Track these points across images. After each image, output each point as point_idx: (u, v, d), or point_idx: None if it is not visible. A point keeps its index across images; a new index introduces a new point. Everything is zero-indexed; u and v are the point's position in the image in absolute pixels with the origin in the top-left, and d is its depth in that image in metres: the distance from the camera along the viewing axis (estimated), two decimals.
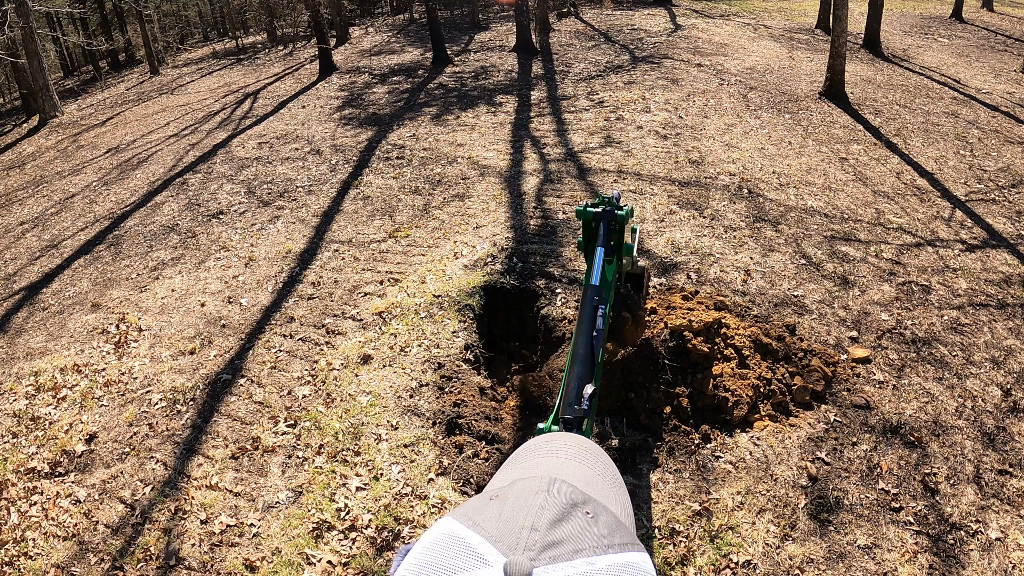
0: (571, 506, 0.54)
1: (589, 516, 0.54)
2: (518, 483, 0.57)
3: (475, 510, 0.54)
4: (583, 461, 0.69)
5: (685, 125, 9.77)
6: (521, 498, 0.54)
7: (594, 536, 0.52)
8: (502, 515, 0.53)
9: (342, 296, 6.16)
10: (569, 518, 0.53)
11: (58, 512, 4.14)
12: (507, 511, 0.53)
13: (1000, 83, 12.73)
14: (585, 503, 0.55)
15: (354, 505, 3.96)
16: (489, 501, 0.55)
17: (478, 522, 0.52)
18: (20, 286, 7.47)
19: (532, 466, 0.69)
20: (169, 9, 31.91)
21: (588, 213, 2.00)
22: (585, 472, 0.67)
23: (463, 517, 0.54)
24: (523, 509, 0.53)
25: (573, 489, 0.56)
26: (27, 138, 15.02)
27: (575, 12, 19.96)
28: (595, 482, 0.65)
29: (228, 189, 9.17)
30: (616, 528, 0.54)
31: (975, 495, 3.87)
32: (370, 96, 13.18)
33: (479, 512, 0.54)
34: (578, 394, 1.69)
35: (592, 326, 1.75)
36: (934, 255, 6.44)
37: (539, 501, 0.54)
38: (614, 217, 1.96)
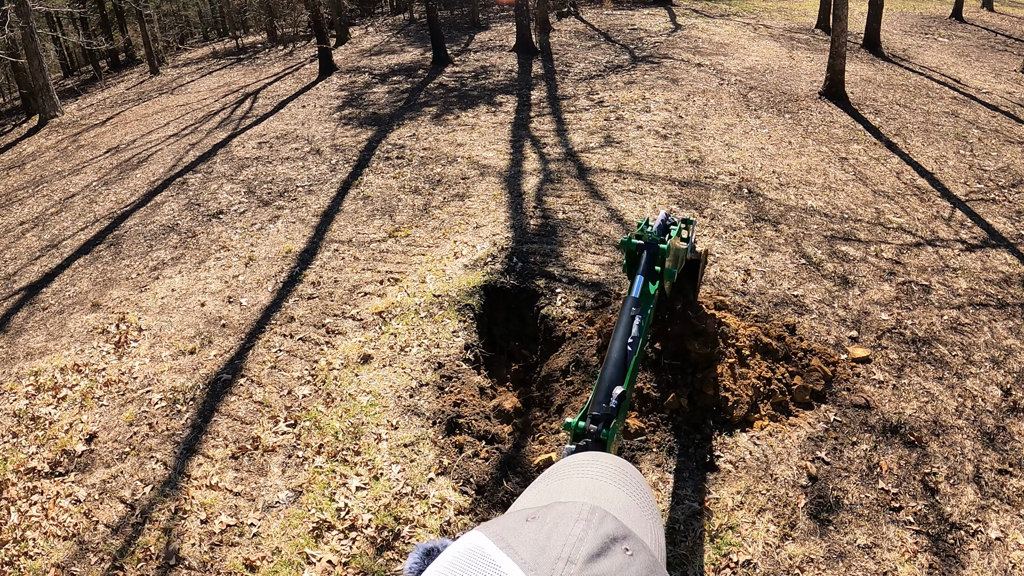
0: (611, 540, 0.51)
1: (628, 554, 0.51)
2: (557, 506, 0.55)
3: (509, 530, 0.52)
4: (623, 487, 0.66)
5: (685, 125, 9.77)
6: (559, 525, 0.52)
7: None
8: (538, 541, 0.50)
9: (342, 296, 6.16)
10: (608, 553, 0.50)
11: (58, 512, 4.14)
12: (543, 538, 0.51)
13: (1000, 83, 12.73)
14: (626, 539, 0.52)
15: (354, 505, 3.96)
16: (525, 523, 0.53)
17: (512, 544, 0.50)
18: (20, 286, 7.47)
19: (571, 487, 0.66)
20: (169, 9, 31.90)
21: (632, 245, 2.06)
22: (624, 500, 0.64)
23: (496, 536, 0.51)
24: (560, 538, 0.50)
25: (614, 522, 0.54)
26: (27, 138, 15.02)
27: (575, 12, 19.96)
28: (633, 511, 0.63)
29: (228, 189, 9.17)
30: (653, 570, 0.51)
31: (975, 495, 3.87)
32: (370, 96, 13.18)
33: (513, 533, 0.52)
34: (608, 394, 1.74)
35: (628, 333, 1.82)
36: (934, 255, 6.44)
37: (578, 531, 0.51)
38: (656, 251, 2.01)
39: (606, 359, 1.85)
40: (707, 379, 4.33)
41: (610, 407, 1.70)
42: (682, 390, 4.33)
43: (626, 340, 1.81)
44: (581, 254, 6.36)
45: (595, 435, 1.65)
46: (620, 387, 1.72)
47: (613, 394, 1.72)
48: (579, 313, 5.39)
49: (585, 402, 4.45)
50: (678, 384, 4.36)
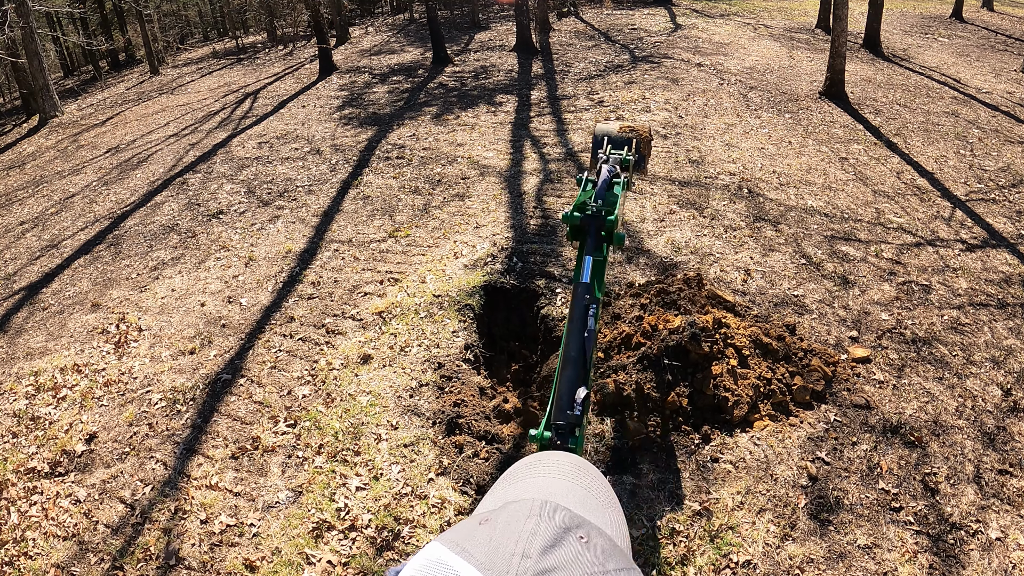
0: (564, 530, 0.52)
1: (583, 541, 0.51)
2: (509, 506, 0.55)
3: (464, 536, 0.52)
4: (576, 481, 0.67)
5: (685, 125, 9.76)
6: (512, 523, 0.52)
7: (588, 562, 0.50)
8: (492, 540, 0.51)
9: (342, 296, 6.16)
10: (562, 543, 0.50)
11: (58, 512, 4.14)
12: (497, 536, 0.51)
13: (1000, 83, 12.73)
14: (579, 527, 0.53)
15: (354, 505, 3.96)
16: (478, 526, 0.54)
17: (467, 548, 0.50)
18: (20, 286, 7.47)
19: (523, 487, 0.67)
20: (169, 9, 31.90)
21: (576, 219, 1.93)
22: (578, 493, 0.65)
23: (451, 543, 0.52)
24: (514, 534, 0.51)
25: (566, 512, 0.54)
26: (27, 138, 15.01)
27: (575, 12, 19.96)
28: (589, 503, 0.63)
29: (228, 189, 9.17)
30: (611, 552, 0.52)
31: (975, 495, 3.87)
32: (370, 96, 13.17)
33: (468, 538, 0.52)
34: (571, 399, 1.63)
35: (583, 326, 1.68)
36: (934, 255, 6.44)
37: (530, 526, 0.52)
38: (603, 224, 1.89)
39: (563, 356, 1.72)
40: (707, 379, 4.32)
41: (575, 414, 1.61)
42: (682, 390, 4.33)
43: (582, 334, 1.70)
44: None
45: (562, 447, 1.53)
46: (583, 389, 1.62)
47: (577, 398, 1.63)
48: None
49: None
50: (678, 384, 4.36)
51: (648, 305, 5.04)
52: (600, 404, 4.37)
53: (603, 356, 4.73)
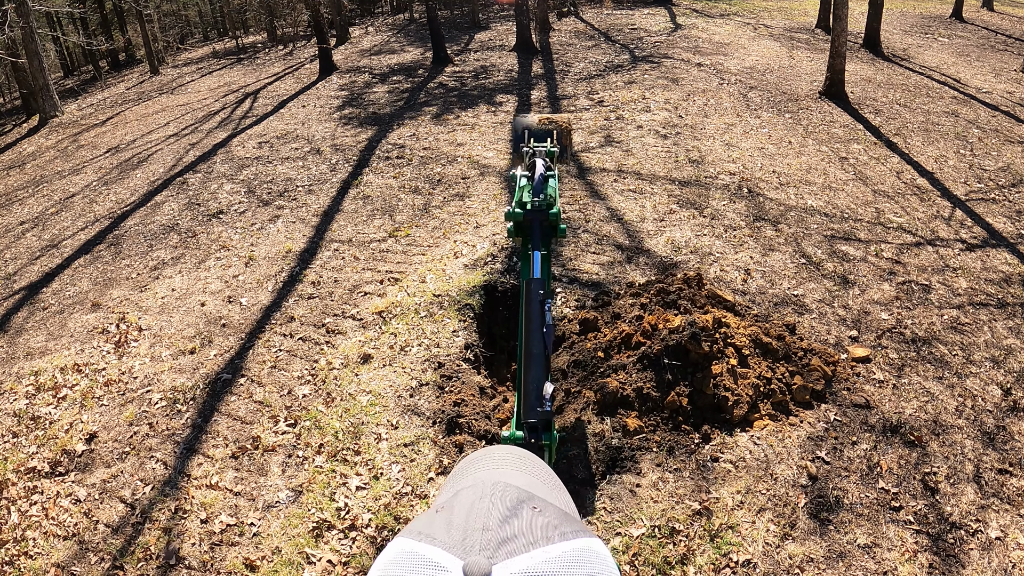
0: (518, 503, 0.55)
1: (537, 511, 0.54)
2: (461, 492, 0.58)
3: (423, 525, 0.55)
4: (520, 469, 0.70)
5: (685, 124, 9.77)
6: (467, 504, 0.55)
7: (545, 527, 0.52)
8: (452, 523, 0.53)
9: (342, 295, 6.16)
10: (518, 514, 0.53)
11: (58, 512, 4.14)
12: (456, 519, 0.53)
13: (1000, 83, 12.73)
14: (530, 499, 0.56)
15: (354, 504, 3.96)
16: (436, 514, 0.56)
17: (429, 534, 0.53)
18: (20, 286, 7.47)
19: (471, 480, 0.70)
20: (169, 9, 31.90)
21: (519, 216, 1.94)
22: (524, 478, 0.68)
23: (413, 533, 0.54)
24: (471, 513, 0.53)
25: (516, 489, 0.57)
26: (27, 138, 15.02)
27: (575, 12, 19.96)
28: (535, 486, 0.66)
29: (228, 189, 9.17)
30: (565, 518, 0.54)
31: (975, 494, 3.87)
32: (370, 96, 13.17)
33: (428, 525, 0.54)
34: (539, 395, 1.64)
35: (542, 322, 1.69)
36: (934, 254, 6.44)
37: (486, 504, 0.54)
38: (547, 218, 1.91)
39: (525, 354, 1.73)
40: (707, 379, 4.32)
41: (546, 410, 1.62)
42: (682, 389, 4.33)
43: (541, 330, 1.71)
44: (581, 254, 6.36)
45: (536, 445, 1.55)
46: (550, 384, 1.64)
47: (545, 394, 1.64)
48: (579, 313, 5.39)
49: (574, 403, 4.45)
50: (678, 383, 4.36)
51: (648, 305, 5.04)
52: (600, 404, 4.37)
53: (603, 356, 4.73)
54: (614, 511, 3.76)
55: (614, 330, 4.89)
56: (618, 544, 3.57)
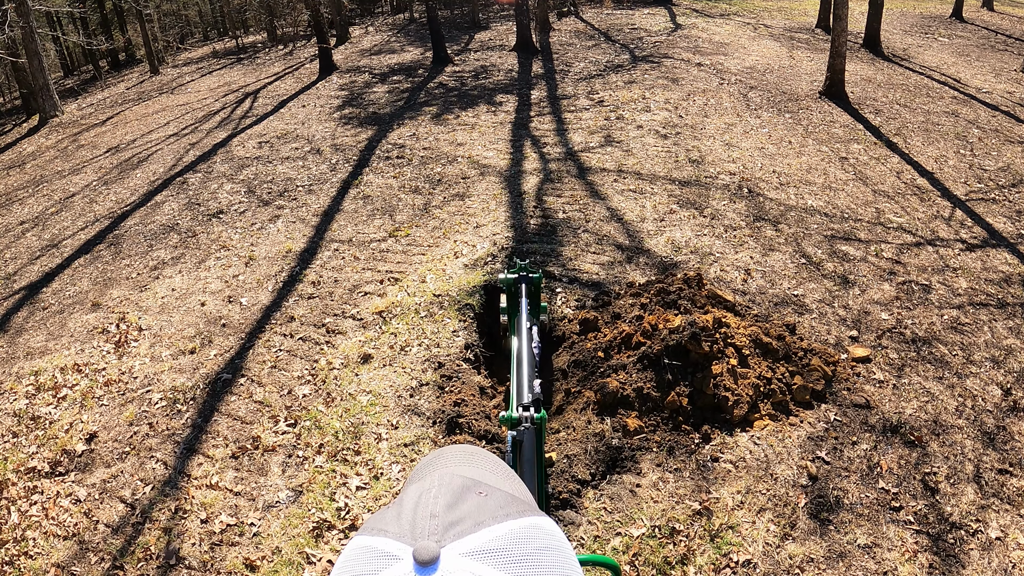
0: (463, 489, 0.57)
1: (483, 495, 0.56)
2: (410, 488, 0.60)
3: (375, 520, 0.57)
4: (471, 463, 0.72)
5: (685, 124, 9.77)
6: (415, 496, 0.57)
7: (491, 508, 0.54)
8: (401, 515, 0.55)
9: (342, 295, 6.16)
10: (463, 499, 0.55)
11: (58, 511, 4.14)
12: (405, 510, 0.55)
13: (1000, 83, 12.73)
14: (476, 485, 0.58)
15: (354, 504, 3.96)
16: (387, 510, 0.58)
17: (380, 527, 0.54)
18: (20, 286, 7.47)
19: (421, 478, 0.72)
20: (169, 8, 31.89)
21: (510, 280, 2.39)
22: (472, 470, 0.69)
23: (367, 529, 0.56)
24: (419, 504, 0.56)
25: (462, 478, 0.59)
26: (27, 138, 15.01)
27: (575, 11, 19.96)
28: (484, 476, 0.68)
29: (228, 188, 9.17)
30: (511, 501, 0.56)
31: (975, 494, 3.87)
32: (370, 95, 13.17)
33: (379, 520, 0.56)
34: (531, 386, 1.98)
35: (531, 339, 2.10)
36: (934, 254, 6.44)
37: (432, 494, 0.56)
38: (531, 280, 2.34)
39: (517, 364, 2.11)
40: (707, 378, 4.32)
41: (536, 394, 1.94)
42: (682, 389, 4.33)
43: (531, 345, 2.09)
44: (581, 254, 6.36)
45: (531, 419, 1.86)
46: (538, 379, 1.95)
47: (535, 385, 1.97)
48: (579, 313, 5.39)
49: (569, 403, 4.45)
50: (678, 383, 4.36)
51: (648, 305, 5.04)
52: (600, 404, 4.37)
53: (603, 356, 4.73)
54: (614, 511, 3.76)
55: (614, 330, 4.89)
56: (618, 544, 3.57)
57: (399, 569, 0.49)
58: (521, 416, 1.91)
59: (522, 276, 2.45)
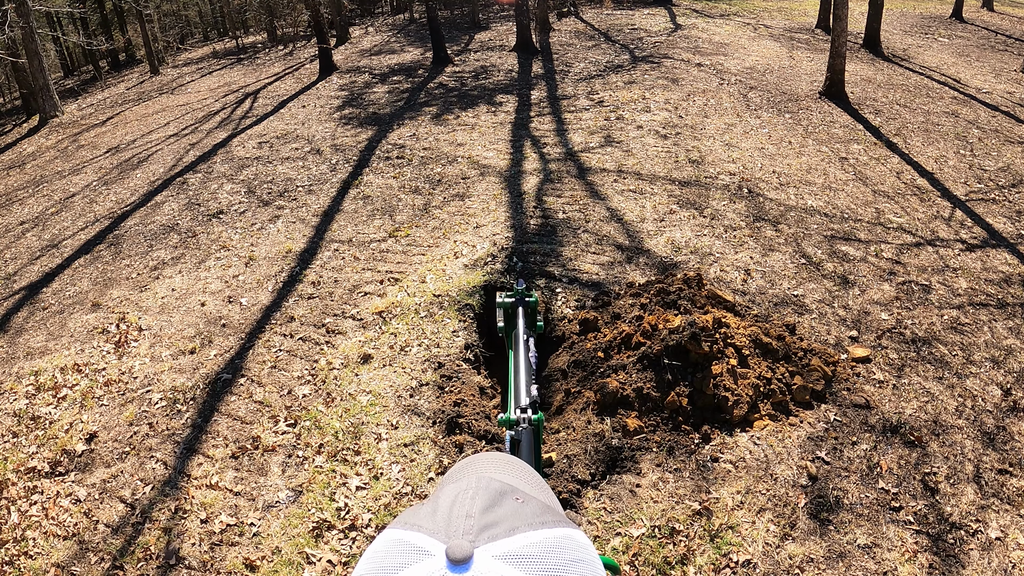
0: (501, 494, 0.57)
1: (519, 501, 0.56)
2: (446, 487, 0.61)
3: (410, 515, 0.57)
4: (505, 471, 0.72)
5: (685, 125, 9.77)
6: (452, 496, 0.57)
7: (527, 515, 0.54)
8: (436, 512, 0.55)
9: (342, 295, 6.16)
10: (500, 503, 0.55)
11: (58, 511, 4.14)
12: (441, 508, 0.56)
13: (1000, 83, 12.73)
14: (513, 491, 0.58)
15: (354, 504, 3.96)
16: (421, 505, 0.58)
17: (415, 523, 0.55)
18: (20, 286, 7.47)
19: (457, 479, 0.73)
20: (169, 9, 31.90)
21: (508, 304, 2.50)
22: (508, 476, 0.70)
23: (400, 523, 0.56)
24: (456, 503, 0.56)
25: (500, 482, 0.59)
26: (27, 138, 15.02)
27: (575, 12, 19.96)
28: (519, 483, 0.68)
29: (228, 189, 9.17)
30: (547, 509, 0.56)
31: (975, 494, 3.87)
32: (370, 96, 13.18)
33: (414, 515, 0.56)
34: (528, 390, 2.05)
35: (528, 350, 2.16)
36: (934, 255, 6.44)
37: (469, 495, 0.56)
38: (526, 304, 2.45)
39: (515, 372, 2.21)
40: (707, 379, 4.32)
41: (534, 397, 2.00)
42: (682, 390, 4.33)
43: (528, 356, 2.17)
44: (581, 254, 6.36)
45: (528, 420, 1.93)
46: (535, 385, 2.01)
47: (532, 390, 2.03)
48: (579, 313, 5.39)
49: (569, 405, 4.45)
50: (678, 384, 4.36)
51: (648, 305, 5.04)
52: (600, 404, 4.37)
53: (603, 356, 4.73)
54: (614, 511, 3.76)
55: (614, 330, 4.89)
56: (618, 544, 3.57)
57: (431, 565, 0.49)
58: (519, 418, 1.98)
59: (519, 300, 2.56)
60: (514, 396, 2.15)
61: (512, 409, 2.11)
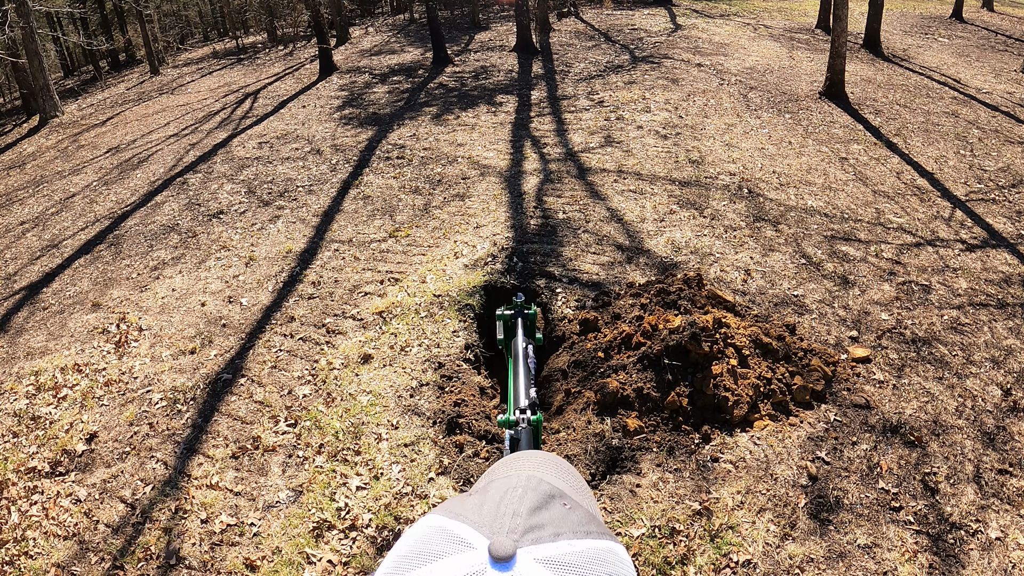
0: (549, 497, 0.56)
1: (567, 507, 0.56)
2: (495, 481, 0.60)
3: (456, 504, 0.56)
4: (555, 475, 0.72)
5: (685, 125, 9.77)
6: (500, 491, 0.57)
7: (573, 523, 0.54)
8: (483, 506, 0.55)
9: (342, 296, 6.16)
10: (548, 507, 0.55)
11: (58, 511, 4.14)
12: (488, 502, 0.55)
13: (1000, 83, 12.73)
14: (561, 496, 0.57)
15: (354, 504, 3.96)
16: (468, 497, 0.58)
17: (460, 513, 0.54)
18: (20, 286, 7.47)
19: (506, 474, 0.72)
20: (169, 9, 31.90)
21: (507, 316, 2.55)
22: (557, 480, 0.70)
23: (445, 511, 0.55)
24: (503, 500, 0.55)
25: (549, 484, 0.59)
26: (27, 138, 15.02)
27: (575, 12, 19.97)
28: (567, 488, 0.68)
29: (228, 189, 9.17)
30: (592, 519, 0.56)
31: (975, 494, 3.87)
32: (370, 96, 13.18)
33: (460, 505, 0.56)
34: (527, 392, 2.09)
35: (527, 356, 2.26)
36: (934, 255, 6.44)
37: (518, 493, 0.56)
38: (525, 315, 2.50)
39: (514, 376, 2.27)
40: (707, 379, 4.33)
41: (533, 399, 2.04)
42: (682, 390, 4.33)
43: (527, 361, 2.22)
44: (581, 254, 6.36)
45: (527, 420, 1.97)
46: (533, 389, 2.05)
47: (531, 392, 2.07)
48: (579, 313, 5.39)
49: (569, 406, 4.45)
50: (678, 384, 4.36)
51: (648, 305, 5.04)
52: (600, 404, 4.38)
53: (603, 356, 4.73)
54: (614, 511, 3.76)
55: (614, 330, 4.89)
56: None
57: (472, 558, 0.49)
58: (518, 418, 2.02)
59: (518, 312, 2.62)
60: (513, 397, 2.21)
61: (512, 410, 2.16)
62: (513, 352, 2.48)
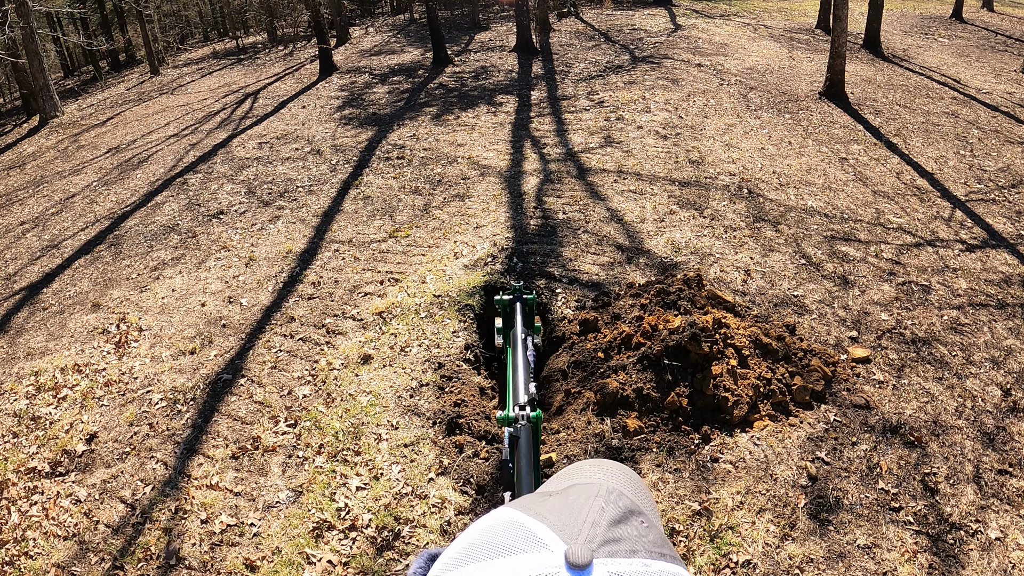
0: (628, 512, 0.56)
1: (645, 525, 0.55)
2: (576, 487, 0.59)
3: (534, 503, 0.56)
4: (632, 490, 0.72)
5: (685, 125, 9.77)
6: (580, 498, 0.56)
7: (649, 542, 0.53)
8: (563, 509, 0.54)
9: (342, 296, 6.16)
10: (627, 522, 0.54)
11: (59, 512, 4.14)
12: (567, 507, 0.55)
13: (1000, 83, 12.73)
14: (640, 513, 0.57)
15: (354, 505, 3.96)
16: (548, 497, 0.57)
17: (539, 512, 0.54)
18: (20, 286, 7.47)
19: (587, 480, 0.72)
20: (169, 9, 31.91)
21: (505, 302, 2.54)
22: (636, 499, 0.70)
23: (523, 507, 0.55)
24: (584, 507, 0.54)
25: (629, 499, 0.58)
26: (27, 138, 15.02)
27: (575, 12, 19.97)
28: (647, 509, 0.68)
29: (228, 189, 9.17)
30: (665, 542, 0.55)
31: (975, 495, 3.87)
32: (370, 96, 13.18)
33: (539, 504, 0.55)
34: (526, 388, 2.08)
35: (526, 348, 2.22)
36: (934, 255, 6.44)
37: (599, 503, 0.55)
38: (524, 301, 2.49)
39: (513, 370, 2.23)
40: (707, 379, 4.33)
41: (532, 395, 2.03)
42: (682, 390, 4.33)
43: (526, 354, 2.20)
44: (581, 254, 6.37)
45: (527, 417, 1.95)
46: (532, 384, 2.03)
47: (531, 388, 2.06)
48: (579, 313, 5.39)
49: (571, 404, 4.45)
50: (678, 384, 4.36)
51: (648, 305, 5.04)
52: (600, 404, 4.38)
53: (603, 356, 4.73)
54: None
55: (614, 331, 4.89)
56: None
57: (548, 560, 0.48)
58: (517, 415, 2.00)
59: (516, 297, 2.59)
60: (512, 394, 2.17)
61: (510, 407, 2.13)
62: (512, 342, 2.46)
